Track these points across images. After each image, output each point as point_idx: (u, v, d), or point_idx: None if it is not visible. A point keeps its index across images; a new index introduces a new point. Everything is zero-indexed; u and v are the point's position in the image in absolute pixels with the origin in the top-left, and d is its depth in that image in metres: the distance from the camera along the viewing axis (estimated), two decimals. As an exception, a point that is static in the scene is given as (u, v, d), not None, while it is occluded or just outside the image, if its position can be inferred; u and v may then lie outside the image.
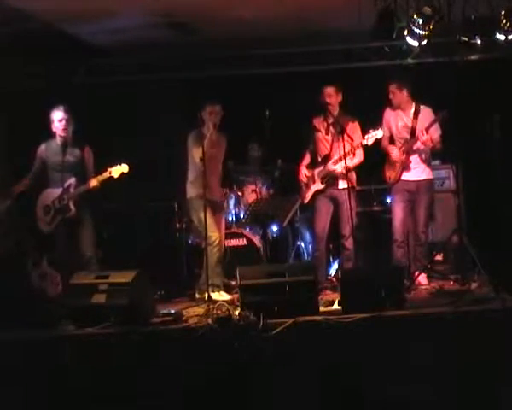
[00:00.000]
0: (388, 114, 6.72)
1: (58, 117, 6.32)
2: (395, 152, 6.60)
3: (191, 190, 6.64)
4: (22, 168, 6.73)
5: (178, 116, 7.42)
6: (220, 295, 6.31)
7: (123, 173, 6.26)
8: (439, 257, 7.07)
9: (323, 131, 6.67)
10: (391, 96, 6.59)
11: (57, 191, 6.33)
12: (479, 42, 6.46)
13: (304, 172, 6.73)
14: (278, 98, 7.60)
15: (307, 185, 6.72)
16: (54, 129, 6.38)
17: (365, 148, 6.43)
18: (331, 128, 6.61)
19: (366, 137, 6.34)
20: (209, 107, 6.50)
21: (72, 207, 6.28)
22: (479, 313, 4.96)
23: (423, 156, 6.63)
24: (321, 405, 4.65)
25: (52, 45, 7.16)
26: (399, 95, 6.57)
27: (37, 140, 6.51)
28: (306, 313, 4.98)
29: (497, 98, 7.71)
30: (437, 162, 7.47)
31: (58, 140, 6.39)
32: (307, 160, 6.79)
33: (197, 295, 6.51)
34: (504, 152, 7.65)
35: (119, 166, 6.25)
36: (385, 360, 4.69)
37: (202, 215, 6.25)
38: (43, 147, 6.46)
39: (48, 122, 6.37)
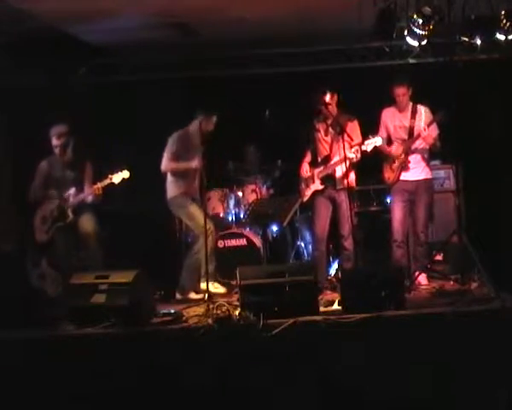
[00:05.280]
0: (385, 115, 6.71)
1: (55, 140, 6.41)
2: (394, 147, 6.60)
3: (174, 189, 6.63)
4: (23, 167, 6.76)
5: (178, 116, 7.41)
6: (215, 288, 6.33)
7: (123, 179, 6.37)
8: (439, 257, 7.06)
9: (323, 132, 6.66)
10: (399, 98, 6.54)
11: (56, 202, 6.44)
12: (479, 42, 6.46)
13: (305, 168, 6.73)
14: (278, 98, 7.59)
15: (307, 184, 6.72)
16: (54, 143, 6.44)
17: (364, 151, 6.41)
18: (330, 129, 6.61)
19: (366, 143, 6.31)
20: (209, 117, 6.56)
21: (70, 214, 6.38)
22: (479, 313, 4.96)
23: (422, 156, 6.62)
24: (321, 405, 4.65)
25: (52, 45, 7.16)
26: (403, 97, 6.55)
27: (38, 139, 6.54)
28: (306, 313, 4.99)
29: (497, 98, 7.72)
30: (437, 162, 7.48)
31: (58, 156, 6.49)
32: (308, 157, 6.80)
33: (178, 296, 6.52)
34: (504, 152, 7.67)
35: (120, 172, 6.36)
36: (385, 360, 4.70)
37: (190, 209, 6.48)
38: (44, 163, 6.55)
39: (48, 137, 6.44)
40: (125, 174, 6.36)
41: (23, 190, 6.60)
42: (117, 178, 6.34)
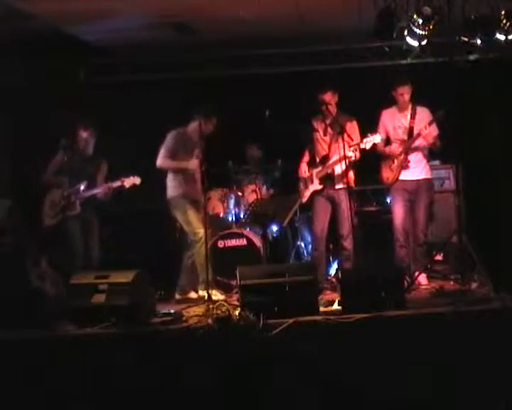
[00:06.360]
0: (385, 117, 6.70)
1: (79, 135, 6.58)
2: (394, 146, 6.60)
3: (173, 190, 6.63)
4: (23, 166, 6.77)
5: (178, 116, 7.41)
6: (213, 295, 6.31)
7: (134, 185, 6.48)
8: (439, 257, 7.07)
9: (321, 132, 6.66)
10: (400, 97, 6.54)
11: (67, 190, 6.55)
12: (479, 42, 6.46)
13: (304, 168, 6.73)
14: (278, 98, 7.59)
15: (305, 185, 6.72)
16: (78, 138, 6.60)
17: (363, 149, 6.41)
18: (329, 129, 6.61)
19: (364, 141, 6.30)
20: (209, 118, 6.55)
21: (77, 206, 6.51)
22: (479, 313, 4.96)
23: (423, 154, 6.61)
24: (321, 405, 4.65)
25: (53, 45, 7.17)
26: (407, 96, 6.55)
27: (38, 139, 6.56)
28: (306, 313, 4.99)
29: (497, 98, 7.72)
30: (437, 162, 7.48)
31: (79, 150, 6.61)
32: (307, 157, 6.80)
33: (177, 296, 6.53)
34: (504, 152, 7.67)
35: (131, 177, 6.48)
36: (385, 360, 4.69)
37: (186, 213, 6.50)
38: (62, 153, 6.62)
39: (72, 134, 6.60)
40: (137, 180, 6.49)
41: (23, 190, 6.63)
42: (128, 182, 6.47)
